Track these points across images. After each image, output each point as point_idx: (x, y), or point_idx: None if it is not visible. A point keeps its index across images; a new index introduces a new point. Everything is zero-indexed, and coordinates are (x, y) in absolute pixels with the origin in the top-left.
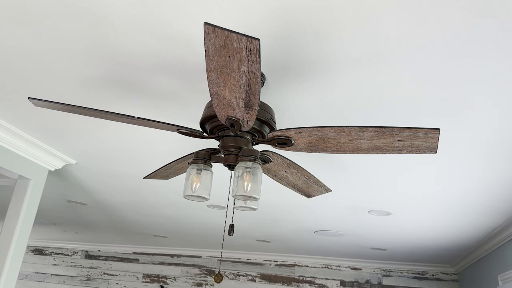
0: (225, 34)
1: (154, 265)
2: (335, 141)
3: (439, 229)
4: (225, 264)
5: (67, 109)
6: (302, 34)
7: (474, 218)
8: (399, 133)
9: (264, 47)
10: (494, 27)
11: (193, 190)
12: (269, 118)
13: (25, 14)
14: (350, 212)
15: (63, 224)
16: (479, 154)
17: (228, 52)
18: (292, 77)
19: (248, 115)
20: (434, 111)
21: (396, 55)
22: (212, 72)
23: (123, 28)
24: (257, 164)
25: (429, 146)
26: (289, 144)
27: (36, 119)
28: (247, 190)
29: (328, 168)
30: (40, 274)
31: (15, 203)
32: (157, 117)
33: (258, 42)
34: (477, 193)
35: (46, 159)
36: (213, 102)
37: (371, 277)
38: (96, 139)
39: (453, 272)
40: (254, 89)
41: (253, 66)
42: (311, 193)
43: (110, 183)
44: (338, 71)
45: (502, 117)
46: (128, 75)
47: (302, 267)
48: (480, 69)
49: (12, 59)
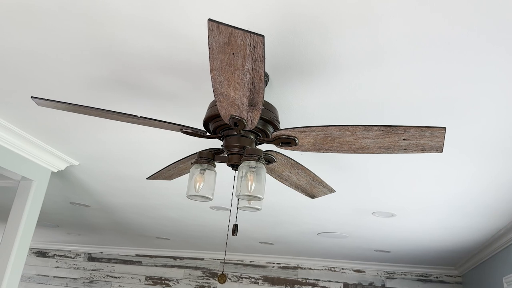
0: (229, 30)
1: (156, 267)
2: (340, 140)
3: (443, 230)
4: (228, 267)
5: (70, 109)
6: (306, 34)
7: (479, 219)
8: (405, 132)
9: (268, 46)
10: (498, 24)
11: (196, 190)
12: (273, 118)
13: (27, 14)
14: (353, 213)
15: (66, 226)
16: (484, 155)
17: (232, 49)
18: (296, 77)
19: (252, 114)
20: (438, 110)
21: (400, 54)
22: (216, 70)
23: (126, 28)
24: (261, 163)
25: (435, 145)
26: (293, 144)
27: (39, 120)
28: (250, 190)
29: (331, 169)
30: (42, 277)
31: (18, 204)
32: (160, 117)
33: (263, 38)
34: (481, 194)
35: (49, 161)
36: (217, 100)
37: (374, 280)
38: (99, 140)
39: (457, 274)
40: (258, 87)
41: (258, 64)
42: (315, 193)
43: (113, 184)
44: (342, 70)
45: (508, 117)
46: (131, 75)
47: (305, 269)
48: (484, 67)
49: (14, 59)
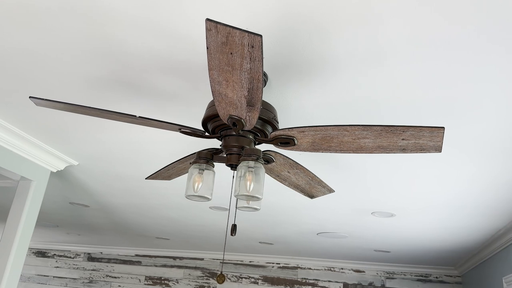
0: (227, 30)
1: (156, 267)
2: (338, 140)
3: (443, 230)
4: (227, 267)
5: (68, 109)
6: (305, 34)
7: (479, 219)
8: (403, 132)
9: (267, 46)
10: (498, 24)
11: (195, 190)
12: (272, 118)
13: (27, 14)
14: (353, 214)
15: (65, 226)
16: (483, 155)
17: (230, 49)
18: (295, 77)
19: (251, 114)
20: (438, 111)
21: (399, 54)
22: (214, 70)
23: (126, 28)
24: (260, 163)
25: (434, 145)
26: (292, 144)
27: (38, 120)
28: (249, 190)
29: (330, 169)
30: (42, 277)
31: (17, 204)
32: (159, 117)
33: (260, 38)
34: (481, 194)
35: (48, 160)
36: (215, 100)
37: (374, 280)
38: (98, 140)
39: (457, 274)
40: (256, 87)
41: (256, 63)
42: (314, 193)
43: (112, 184)
44: (341, 70)
45: (508, 117)
46: (130, 75)
47: (305, 269)
48: (484, 67)
49: (14, 59)
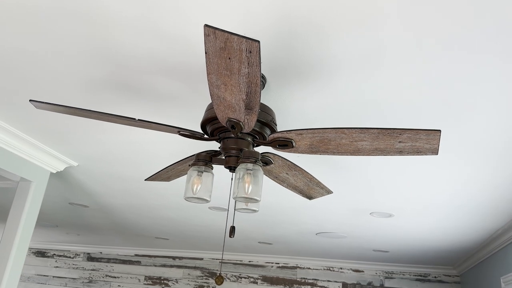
0: (225, 36)
1: (156, 267)
2: (336, 142)
3: (441, 230)
4: (227, 266)
5: (68, 111)
6: (303, 36)
7: (477, 219)
8: (400, 135)
9: (266, 49)
10: (498, 24)
11: (194, 192)
12: (270, 120)
13: (27, 16)
14: (352, 214)
15: (65, 227)
16: (481, 156)
17: (228, 54)
18: (293, 79)
19: (249, 117)
20: (436, 112)
21: (397, 56)
22: (213, 74)
23: (125, 30)
24: (258, 166)
25: (430, 148)
26: (290, 146)
27: (38, 121)
28: (248, 192)
29: (329, 170)
30: (42, 277)
31: (17, 205)
32: (158, 119)
33: (258, 44)
34: (479, 194)
35: (48, 161)
36: (214, 104)
37: (373, 279)
38: (98, 141)
39: (456, 274)
40: (254, 91)
41: (253, 68)
42: (313, 195)
43: (111, 185)
44: (339, 72)
45: (506, 118)
46: (129, 77)
47: (304, 269)
48: (484, 68)
49: (13, 61)
